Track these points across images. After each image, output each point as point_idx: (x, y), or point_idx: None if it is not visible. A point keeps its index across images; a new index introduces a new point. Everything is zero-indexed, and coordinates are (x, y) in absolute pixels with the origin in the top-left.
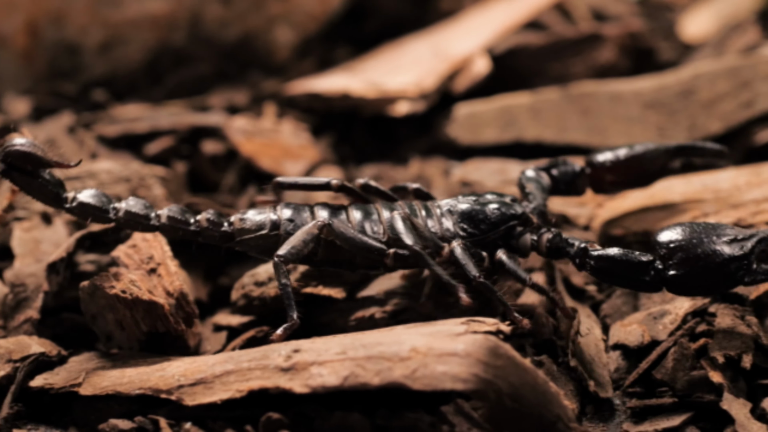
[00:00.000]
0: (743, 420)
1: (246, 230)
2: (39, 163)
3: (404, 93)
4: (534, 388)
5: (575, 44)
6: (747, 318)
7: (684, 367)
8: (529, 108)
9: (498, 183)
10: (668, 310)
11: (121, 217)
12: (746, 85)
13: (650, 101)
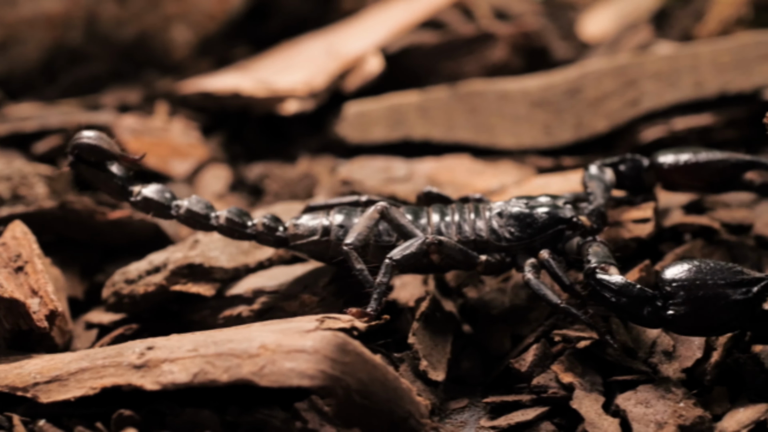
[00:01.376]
0: (593, 417)
1: (299, 236)
2: (105, 156)
3: (293, 92)
4: (384, 385)
5: (468, 43)
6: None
7: (543, 365)
8: (418, 107)
9: (381, 181)
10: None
11: (182, 214)
12: (632, 83)
13: (538, 100)
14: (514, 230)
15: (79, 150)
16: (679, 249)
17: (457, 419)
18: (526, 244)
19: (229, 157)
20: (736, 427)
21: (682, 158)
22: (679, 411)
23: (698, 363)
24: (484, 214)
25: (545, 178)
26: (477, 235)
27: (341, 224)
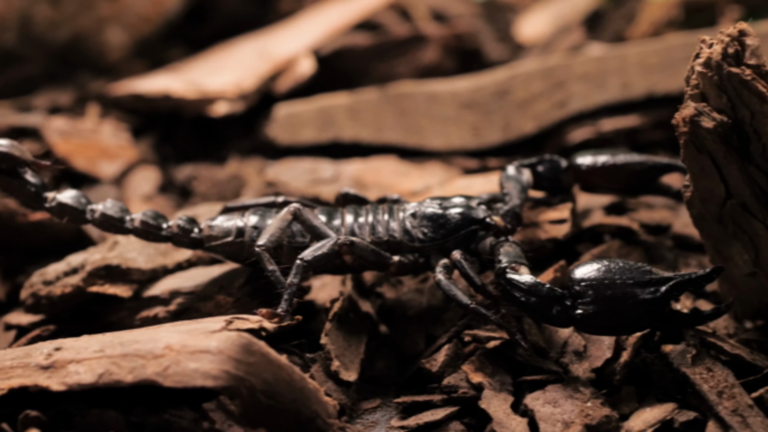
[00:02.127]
0: (502, 417)
1: (214, 237)
2: (17, 163)
3: (223, 94)
4: (290, 385)
5: (400, 45)
6: (525, 319)
7: (454, 365)
8: (348, 108)
9: (308, 182)
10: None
11: (96, 218)
12: (560, 85)
13: (467, 101)
14: (427, 231)
15: None
16: (596, 249)
17: (368, 419)
18: (439, 245)
19: (159, 158)
20: (642, 426)
21: (599, 160)
22: (586, 410)
23: (608, 363)
24: (398, 215)
25: (469, 179)
26: (390, 235)
27: (255, 225)
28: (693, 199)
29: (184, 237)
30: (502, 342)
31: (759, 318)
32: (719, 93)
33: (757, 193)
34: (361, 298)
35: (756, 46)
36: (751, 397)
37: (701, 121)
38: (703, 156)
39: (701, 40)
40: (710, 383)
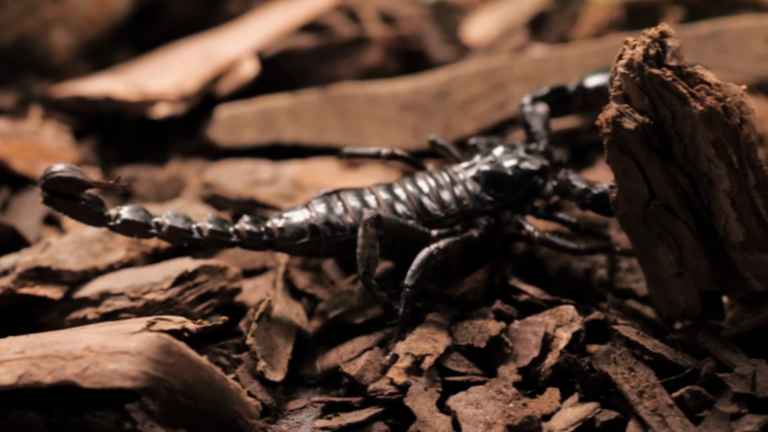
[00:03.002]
0: (426, 416)
1: (287, 238)
2: (80, 186)
3: (164, 95)
4: (210, 386)
5: (343, 47)
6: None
7: (375, 368)
8: (289, 110)
9: (246, 184)
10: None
11: (164, 232)
12: (500, 86)
13: (407, 103)
14: (494, 191)
15: (52, 185)
16: (524, 250)
17: (294, 419)
18: (508, 202)
19: (101, 160)
20: (564, 425)
21: (604, 79)
22: (508, 411)
23: (534, 362)
24: (458, 178)
25: None
26: (462, 205)
27: (326, 221)
28: (618, 200)
29: (256, 241)
30: (431, 355)
31: (686, 318)
32: (641, 94)
33: (679, 193)
34: (292, 299)
35: (677, 48)
36: (672, 396)
37: (623, 123)
38: (626, 157)
39: (624, 42)
40: (631, 383)
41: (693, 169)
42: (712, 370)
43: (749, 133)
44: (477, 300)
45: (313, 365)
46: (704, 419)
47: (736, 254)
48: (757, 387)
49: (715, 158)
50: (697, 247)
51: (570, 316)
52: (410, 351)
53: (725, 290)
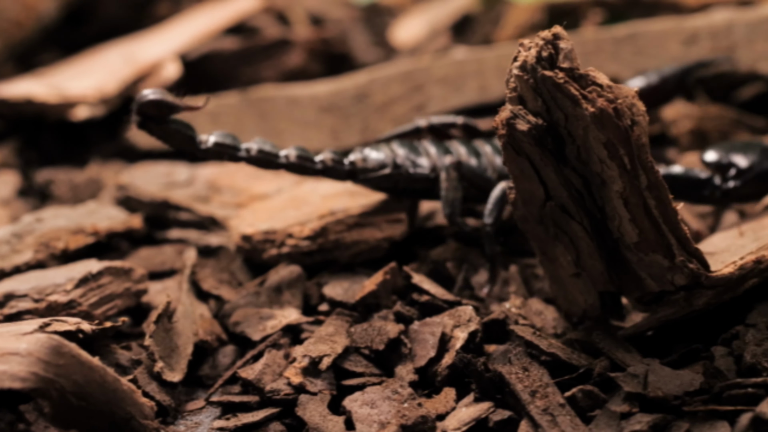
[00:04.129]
0: (318, 420)
1: (369, 169)
2: (171, 109)
3: (84, 98)
4: (102, 387)
5: (266, 49)
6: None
7: (273, 371)
8: (209, 112)
9: (161, 186)
10: (275, 315)
11: (253, 155)
12: (419, 88)
13: (326, 105)
14: None
15: (145, 108)
16: (432, 250)
17: (192, 420)
18: None
19: (22, 162)
20: (457, 425)
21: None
22: (402, 411)
23: (431, 363)
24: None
25: (316, 181)
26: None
27: (407, 157)
28: (516, 201)
29: (338, 171)
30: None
31: (586, 318)
32: (535, 96)
33: (573, 194)
34: (197, 300)
35: (569, 50)
36: (564, 396)
37: (516, 124)
38: (522, 158)
39: (520, 44)
40: (525, 382)
41: (586, 170)
42: (606, 370)
43: (640, 134)
44: (378, 302)
45: (214, 366)
46: (595, 418)
47: (631, 254)
48: (648, 386)
49: (607, 159)
50: (593, 247)
51: (468, 316)
52: (307, 353)
53: (622, 290)
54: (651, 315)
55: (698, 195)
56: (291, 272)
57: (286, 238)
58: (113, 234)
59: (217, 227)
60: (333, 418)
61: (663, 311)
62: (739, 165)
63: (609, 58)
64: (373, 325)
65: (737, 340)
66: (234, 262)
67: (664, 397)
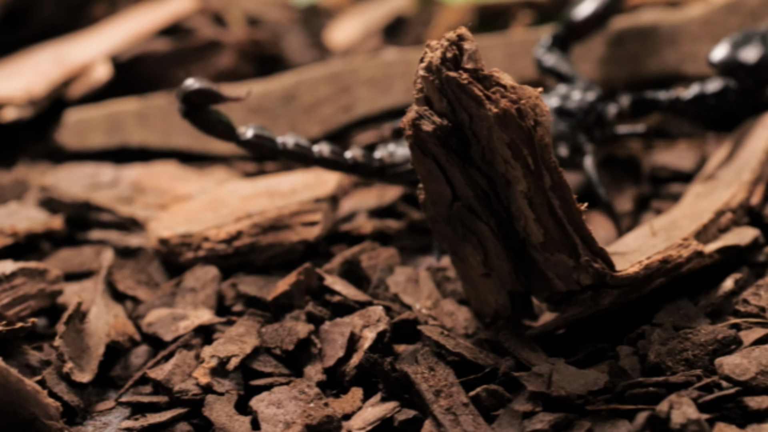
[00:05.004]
0: (224, 421)
1: (397, 164)
2: (214, 99)
3: (12, 99)
4: (5, 387)
5: (197, 51)
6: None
7: (182, 372)
8: (137, 113)
9: (85, 187)
10: (188, 315)
11: (289, 149)
12: (346, 90)
13: (254, 106)
14: (567, 123)
15: (190, 96)
16: (348, 251)
17: (101, 420)
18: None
19: None
20: (362, 424)
21: (584, 10)
22: (308, 411)
23: (339, 363)
24: None
25: (236, 183)
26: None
27: None
28: (425, 201)
29: (368, 167)
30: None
31: (498, 318)
32: (440, 97)
33: (479, 195)
34: (113, 301)
35: (473, 51)
36: (469, 395)
37: (422, 125)
38: (428, 159)
39: (426, 45)
40: (430, 382)
41: (491, 171)
42: (511, 369)
43: (543, 135)
44: (291, 303)
45: (126, 366)
46: (498, 417)
47: (538, 254)
48: (552, 386)
49: (511, 160)
50: (500, 247)
51: (377, 316)
52: (216, 353)
53: (530, 290)
54: (560, 314)
55: (723, 106)
56: (206, 273)
57: (202, 241)
58: (33, 235)
59: (139, 228)
60: (239, 418)
61: (571, 311)
62: (748, 62)
63: None
64: (284, 326)
65: (643, 340)
66: (152, 263)
67: (567, 396)
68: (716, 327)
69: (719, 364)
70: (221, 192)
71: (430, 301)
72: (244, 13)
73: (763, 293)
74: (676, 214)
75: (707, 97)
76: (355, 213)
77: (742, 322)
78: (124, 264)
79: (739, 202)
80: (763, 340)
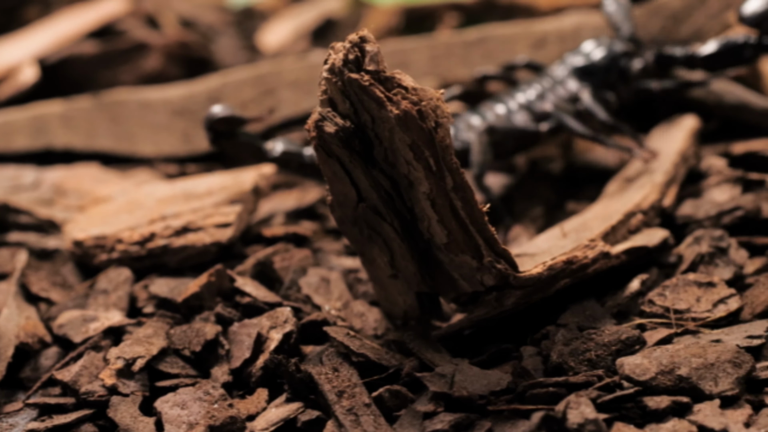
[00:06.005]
0: (129, 422)
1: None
2: (239, 123)
3: None
4: None
5: (124, 53)
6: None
7: (90, 373)
8: (61, 116)
9: (7, 189)
10: (99, 317)
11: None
12: (270, 92)
13: (179, 108)
14: (588, 81)
15: (216, 124)
16: (261, 253)
17: (7, 422)
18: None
19: None
20: (265, 425)
21: None
22: (212, 412)
23: (246, 364)
24: (557, 75)
25: (153, 185)
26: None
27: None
28: (333, 203)
29: None
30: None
31: (408, 319)
32: (343, 98)
33: (383, 196)
34: (25, 302)
35: (375, 53)
36: (372, 396)
37: (324, 126)
38: (333, 160)
39: (331, 47)
40: (333, 383)
41: (394, 172)
42: (414, 370)
43: (444, 136)
44: (201, 304)
45: (36, 368)
46: (399, 418)
47: (443, 255)
48: (454, 386)
49: (413, 161)
50: (405, 249)
51: (284, 317)
52: (122, 355)
53: (437, 291)
54: (466, 315)
55: (740, 59)
56: (119, 275)
57: (116, 243)
58: None
59: (57, 231)
60: (143, 419)
61: (476, 312)
62: None
63: (459, 61)
64: (192, 327)
65: (547, 340)
66: (66, 264)
67: (469, 396)
68: (620, 327)
69: (620, 365)
70: (139, 194)
71: (340, 302)
72: (178, 16)
73: (668, 294)
74: (588, 216)
75: (723, 53)
76: (273, 215)
77: (647, 323)
78: (40, 266)
79: (651, 203)
80: (667, 341)
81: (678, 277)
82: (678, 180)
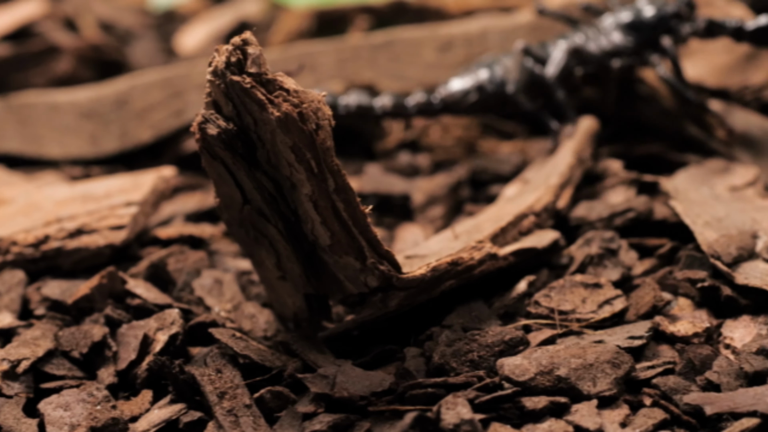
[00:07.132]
0: (12, 423)
1: (457, 99)
2: None
3: None
4: None
5: (35, 57)
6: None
7: None
8: None
9: None
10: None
11: (389, 110)
12: (178, 94)
13: (86, 111)
14: (633, 37)
15: None
16: (155, 255)
17: None
18: (647, 44)
19: None
20: (147, 426)
21: None
22: (94, 413)
23: (132, 365)
24: (604, 26)
25: (53, 188)
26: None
27: (490, 78)
28: (220, 205)
29: (432, 105)
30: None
31: (298, 320)
32: (226, 101)
33: (267, 198)
34: None
35: (257, 55)
36: (254, 397)
37: (207, 128)
38: (217, 162)
39: (215, 50)
40: (216, 384)
41: (277, 174)
42: (297, 371)
43: (325, 138)
44: (92, 306)
45: None
46: (280, 419)
47: (327, 257)
48: (336, 387)
49: (295, 163)
50: (290, 250)
51: (172, 319)
52: (7, 356)
53: (325, 292)
54: (353, 317)
55: None
56: (13, 277)
57: (10, 245)
58: None
59: None
60: (27, 420)
61: (363, 313)
62: None
63: (366, 64)
64: (80, 329)
65: (430, 341)
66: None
67: (350, 397)
68: (504, 328)
69: (500, 365)
70: (38, 196)
71: (231, 303)
72: (97, 18)
73: (554, 295)
74: (481, 218)
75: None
76: (173, 217)
77: (532, 324)
78: None
79: (544, 205)
80: (550, 341)
81: (566, 278)
82: (574, 182)
